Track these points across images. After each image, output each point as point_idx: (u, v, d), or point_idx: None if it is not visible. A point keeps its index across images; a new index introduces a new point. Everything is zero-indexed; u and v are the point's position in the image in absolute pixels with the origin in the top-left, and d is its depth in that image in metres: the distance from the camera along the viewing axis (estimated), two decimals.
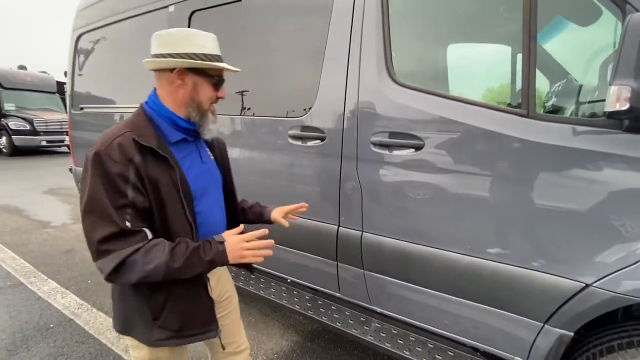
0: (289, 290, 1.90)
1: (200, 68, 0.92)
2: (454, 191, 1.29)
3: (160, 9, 2.29)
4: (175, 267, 0.82)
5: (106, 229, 0.79)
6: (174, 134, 0.94)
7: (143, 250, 0.81)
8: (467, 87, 1.81)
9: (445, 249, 1.32)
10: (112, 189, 0.80)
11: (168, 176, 0.87)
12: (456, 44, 1.79)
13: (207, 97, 0.96)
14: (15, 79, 11.53)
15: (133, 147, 0.83)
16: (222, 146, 1.17)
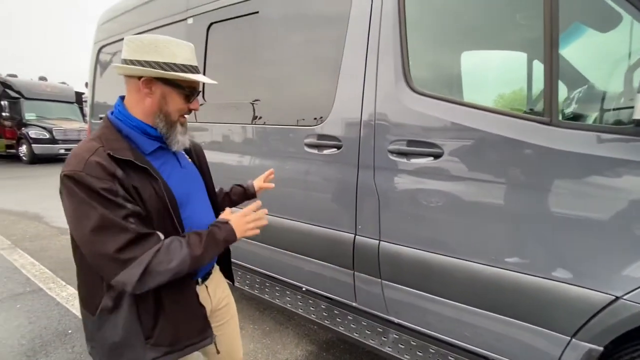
0: (304, 299, 1.89)
1: (169, 79, 0.89)
2: (474, 200, 1.27)
3: (179, 22, 2.36)
4: (198, 255, 0.85)
5: (121, 238, 0.77)
6: (147, 144, 0.91)
7: (163, 250, 0.81)
8: (484, 94, 1.79)
9: (467, 259, 1.29)
10: (108, 204, 0.77)
11: (151, 187, 0.85)
12: (472, 52, 1.79)
13: (176, 108, 0.92)
14: (35, 89, 11.97)
15: (111, 162, 0.80)
16: (197, 148, 1.15)
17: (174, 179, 0.94)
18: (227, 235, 0.93)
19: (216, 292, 1.12)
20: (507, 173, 1.22)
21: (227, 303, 1.18)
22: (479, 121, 1.25)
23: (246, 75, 1.99)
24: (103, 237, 0.76)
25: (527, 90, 1.87)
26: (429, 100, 1.35)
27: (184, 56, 0.90)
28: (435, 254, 1.37)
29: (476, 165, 1.26)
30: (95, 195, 0.76)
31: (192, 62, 0.92)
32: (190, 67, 0.91)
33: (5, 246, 3.64)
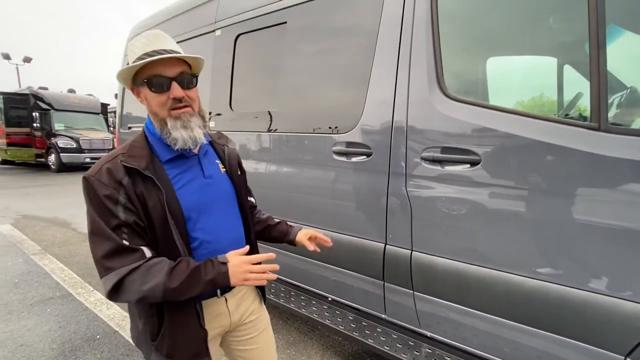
0: (331, 309, 1.85)
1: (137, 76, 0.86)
2: (515, 209, 1.22)
3: (206, 34, 2.42)
4: (172, 288, 0.78)
5: (105, 246, 0.79)
6: (165, 152, 0.90)
7: (143, 269, 0.79)
8: (516, 99, 1.75)
9: (507, 271, 1.24)
10: (104, 211, 0.79)
11: (156, 196, 0.83)
12: (505, 57, 1.75)
13: (157, 103, 0.86)
14: (65, 101, 12.56)
15: (122, 169, 0.82)
16: (232, 157, 1.08)
17: (191, 188, 0.91)
18: (217, 277, 0.82)
19: (240, 306, 1.06)
20: (550, 181, 1.17)
21: (256, 318, 1.11)
22: (518, 127, 1.21)
23: (273, 84, 2.01)
24: (94, 240, 0.81)
25: (558, 95, 1.82)
26: (464, 106, 1.32)
27: (140, 48, 0.85)
28: (471, 265, 1.32)
29: (517, 173, 1.22)
30: (96, 201, 0.80)
31: (151, 48, 0.84)
32: (145, 55, 0.83)
33: (35, 251, 3.78)
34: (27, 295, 2.76)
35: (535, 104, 1.71)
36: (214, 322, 0.99)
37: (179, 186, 0.89)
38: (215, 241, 0.94)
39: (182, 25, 2.66)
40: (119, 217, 0.80)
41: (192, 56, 0.89)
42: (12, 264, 3.40)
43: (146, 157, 0.86)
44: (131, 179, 0.82)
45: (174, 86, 0.85)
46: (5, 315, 2.45)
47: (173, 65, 0.85)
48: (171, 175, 0.89)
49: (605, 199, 1.07)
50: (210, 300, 0.98)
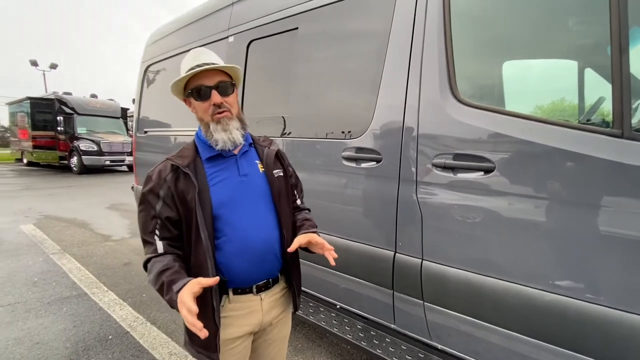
0: (339, 317, 1.82)
1: (185, 88, 1.02)
2: (531, 219, 1.17)
3: (220, 40, 2.46)
4: (155, 289, 0.91)
5: (141, 236, 0.98)
6: (206, 152, 1.02)
7: (152, 262, 0.93)
8: (533, 104, 1.69)
9: (523, 284, 1.18)
10: (147, 204, 0.96)
11: (192, 192, 0.94)
12: (521, 61, 1.69)
13: (201, 110, 1.00)
14: (87, 106, 13.05)
15: (169, 168, 0.97)
16: (269, 157, 1.11)
17: (225, 185, 1.00)
18: (170, 302, 0.87)
19: (273, 309, 1.09)
20: (569, 190, 1.11)
21: (282, 324, 1.15)
22: (535, 134, 1.16)
23: (284, 89, 2.01)
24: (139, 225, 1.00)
25: (579, 100, 1.75)
26: (478, 111, 1.28)
27: (187, 64, 1.00)
28: (485, 276, 1.27)
29: (533, 182, 1.16)
30: (144, 195, 0.97)
31: (192, 64, 0.98)
32: (190, 69, 0.97)
33: (55, 251, 3.90)
34: (45, 294, 2.85)
35: (556, 109, 1.64)
36: (246, 319, 1.03)
37: (214, 183, 0.99)
38: (244, 237, 0.99)
39: (197, 32, 2.72)
40: (155, 210, 0.95)
41: (227, 65, 1.00)
42: (33, 263, 3.53)
43: (190, 157, 1.00)
44: (174, 176, 0.96)
45: (213, 94, 0.97)
46: (23, 313, 2.53)
47: (213, 76, 0.98)
48: (208, 173, 0.99)
49: (629, 210, 1.01)
50: (246, 297, 1.03)
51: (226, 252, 0.98)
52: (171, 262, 0.93)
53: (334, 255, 1.03)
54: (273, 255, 1.07)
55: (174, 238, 0.97)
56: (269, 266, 1.07)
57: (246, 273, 1.01)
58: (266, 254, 1.04)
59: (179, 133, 2.82)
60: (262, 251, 1.03)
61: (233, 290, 1.02)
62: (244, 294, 1.03)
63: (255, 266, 1.03)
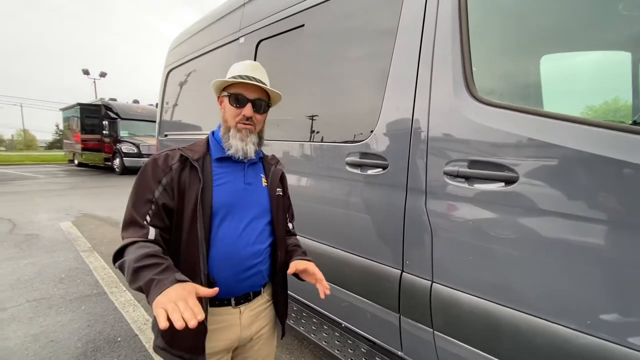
0: (343, 337, 1.66)
1: (224, 89, 1.03)
2: (562, 239, 0.95)
3: (232, 42, 2.42)
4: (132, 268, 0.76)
5: (126, 218, 0.90)
6: (217, 151, 1.03)
7: (138, 244, 0.83)
8: (570, 103, 1.44)
9: (552, 321, 0.96)
10: (145, 187, 0.92)
11: (195, 186, 0.93)
12: (555, 53, 1.45)
13: (230, 114, 1.01)
14: (129, 110, 13.94)
15: (177, 157, 0.96)
16: (275, 175, 1.13)
17: (227, 188, 0.99)
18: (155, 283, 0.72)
19: (254, 324, 1.04)
20: (611, 205, 0.89)
21: (266, 338, 1.09)
22: (568, 137, 0.94)
23: (289, 90, 1.91)
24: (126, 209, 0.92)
25: (632, 97, 1.46)
26: (499, 111, 1.08)
27: (240, 68, 1.03)
28: (505, 307, 1.06)
29: (565, 194, 0.95)
30: (144, 176, 0.93)
31: (245, 73, 1.01)
32: (239, 77, 1.00)
33: (85, 248, 4.10)
34: (69, 291, 2.96)
35: (600, 108, 1.38)
36: (221, 334, 0.97)
37: (218, 183, 0.98)
38: (232, 245, 0.95)
39: (212, 36, 2.70)
40: (154, 195, 0.91)
41: (272, 90, 1.05)
42: (64, 260, 3.71)
43: (201, 152, 1.00)
44: (181, 166, 0.95)
45: (248, 106, 1.00)
46: (46, 309, 2.63)
47: (255, 91, 1.02)
48: (215, 172, 0.99)
49: None
50: (224, 309, 0.98)
51: (211, 255, 0.94)
52: (162, 253, 0.83)
53: (326, 289, 0.98)
54: (258, 270, 1.02)
55: (164, 229, 0.92)
56: (252, 281, 1.02)
57: (227, 283, 0.96)
58: (251, 268, 0.99)
59: (196, 136, 2.82)
60: (248, 264, 0.99)
61: (210, 302, 0.95)
62: (222, 306, 0.98)
63: (238, 278, 0.98)
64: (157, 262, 0.78)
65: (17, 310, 2.59)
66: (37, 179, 10.94)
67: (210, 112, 2.58)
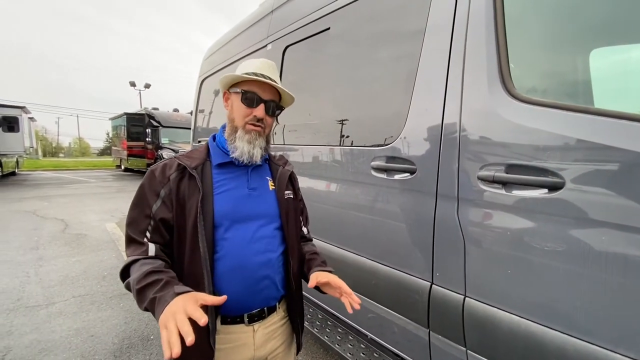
0: (369, 350, 1.59)
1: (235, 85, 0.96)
2: (621, 254, 0.82)
3: (260, 49, 2.46)
4: (136, 289, 0.77)
5: (126, 235, 0.88)
6: (218, 156, 0.96)
7: (140, 263, 0.81)
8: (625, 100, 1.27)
9: (606, 347, 0.84)
10: (143, 201, 0.87)
11: (195, 197, 0.87)
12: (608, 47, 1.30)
13: (240, 113, 0.94)
14: (170, 119, 14.78)
15: (175, 166, 0.90)
16: (282, 176, 1.05)
17: (230, 195, 0.92)
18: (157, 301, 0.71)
19: (268, 342, 0.98)
20: None
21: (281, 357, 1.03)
22: (625, 137, 0.83)
23: (315, 95, 1.89)
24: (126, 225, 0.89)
25: None
26: (541, 109, 0.98)
27: (254, 66, 0.96)
28: (549, 328, 0.94)
29: (621, 203, 0.83)
30: (142, 191, 0.89)
31: (260, 71, 0.94)
32: (254, 74, 0.93)
33: None
34: (110, 289, 3.14)
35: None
36: (233, 354, 0.92)
37: (220, 191, 0.91)
38: (241, 256, 0.89)
39: (243, 43, 2.77)
40: (152, 209, 0.87)
41: (287, 91, 0.99)
42: (107, 259, 3.96)
43: (200, 159, 0.94)
44: (179, 176, 0.89)
45: (261, 107, 0.94)
46: (88, 305, 2.80)
47: (269, 91, 0.96)
48: (215, 180, 0.92)
49: None
50: (236, 327, 0.91)
51: (219, 270, 0.87)
52: (164, 267, 0.82)
53: (355, 303, 0.90)
54: (271, 281, 0.95)
55: (165, 244, 0.88)
56: (265, 293, 0.95)
57: (238, 298, 0.89)
58: (263, 279, 0.93)
59: None
60: (259, 275, 0.92)
61: (222, 319, 0.91)
62: (234, 324, 0.91)
63: (250, 291, 0.91)
64: (157, 279, 0.76)
65: (64, 305, 2.78)
66: (88, 183, 11.89)
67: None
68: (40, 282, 3.21)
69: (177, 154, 0.96)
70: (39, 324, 2.45)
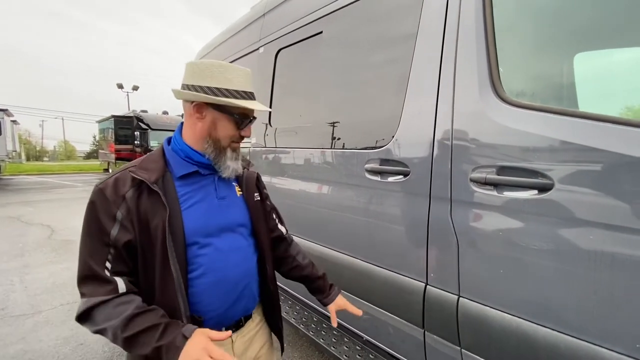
0: (365, 352, 1.60)
1: (220, 104, 0.86)
2: (609, 252, 0.85)
3: (252, 52, 2.46)
4: (124, 337, 0.71)
5: (81, 270, 0.76)
6: (181, 167, 0.87)
7: (112, 305, 0.73)
8: (608, 104, 1.32)
9: (595, 343, 0.86)
10: (97, 228, 0.76)
11: (160, 216, 0.78)
12: (592, 51, 1.34)
13: (226, 134, 0.88)
14: (159, 121, 14.59)
15: (129, 181, 0.79)
16: (249, 180, 1.01)
17: (199, 209, 0.86)
18: (169, 348, 0.70)
19: (248, 350, 0.97)
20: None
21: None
22: (610, 139, 0.86)
23: (308, 98, 1.90)
24: (78, 258, 0.78)
25: None
26: (530, 112, 1.01)
27: (238, 82, 0.86)
28: (540, 325, 0.97)
29: (608, 202, 0.86)
30: (93, 216, 0.77)
31: (246, 88, 0.88)
32: (244, 93, 0.87)
33: None
34: None
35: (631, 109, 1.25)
36: None
37: (187, 206, 0.84)
38: (219, 270, 0.86)
39: (235, 46, 2.76)
40: (110, 236, 0.76)
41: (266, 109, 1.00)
42: None
43: (158, 170, 0.84)
44: (137, 193, 0.79)
45: (249, 127, 0.91)
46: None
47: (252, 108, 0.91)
48: (180, 193, 0.84)
49: None
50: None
51: (198, 288, 0.84)
52: (147, 306, 0.76)
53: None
54: (250, 291, 0.95)
55: (130, 273, 0.79)
56: (244, 303, 0.94)
57: (219, 313, 0.87)
58: (244, 290, 0.92)
59: None
60: (240, 287, 0.91)
61: None
62: None
63: (230, 304, 0.90)
64: (154, 324, 0.72)
65: (52, 313, 2.71)
66: (74, 187, 11.63)
67: None
68: (25, 290, 3.12)
69: (128, 165, 0.85)
70: (25, 334, 2.39)
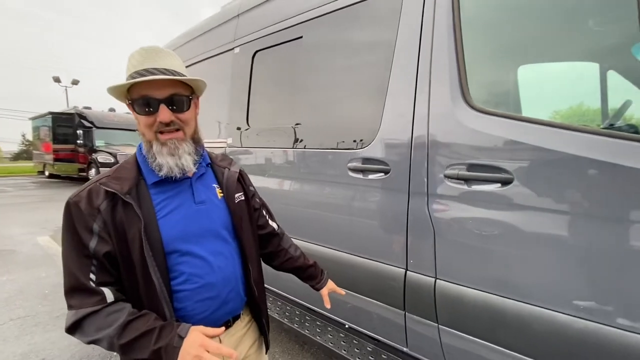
0: (348, 338, 1.71)
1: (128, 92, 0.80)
2: (557, 235, 1.05)
3: (226, 52, 2.45)
4: (120, 344, 0.71)
5: (69, 281, 0.75)
6: (153, 174, 0.82)
7: (102, 315, 0.73)
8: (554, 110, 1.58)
9: (551, 308, 1.06)
10: (76, 241, 0.75)
11: (136, 226, 0.76)
12: (538, 64, 1.59)
13: (143, 124, 0.80)
14: (105, 119, 13.47)
15: (102, 193, 0.77)
16: (230, 180, 0.96)
17: (176, 216, 0.83)
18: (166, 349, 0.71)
19: (237, 349, 0.97)
20: (596, 203, 1.00)
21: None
22: (557, 141, 1.06)
23: (289, 99, 1.97)
24: (63, 271, 0.77)
25: (601, 104, 1.62)
26: (493, 118, 1.19)
27: (133, 65, 0.79)
28: (507, 298, 1.15)
29: (556, 193, 1.06)
30: (70, 230, 0.76)
31: (142, 66, 0.78)
32: (135, 74, 0.77)
33: None
34: (55, 307, 2.84)
35: (574, 114, 1.53)
36: None
37: (163, 214, 0.81)
38: (202, 276, 0.84)
39: (205, 44, 2.72)
40: (89, 248, 0.75)
41: (184, 78, 0.81)
42: (46, 276, 3.55)
43: (131, 179, 0.80)
44: (111, 204, 0.77)
45: (162, 109, 0.79)
46: (32, 327, 2.52)
47: (164, 87, 0.79)
48: (156, 201, 0.82)
49: None
50: None
51: (182, 295, 0.82)
52: (138, 311, 0.76)
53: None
54: (236, 293, 0.94)
55: (116, 282, 0.79)
56: (231, 305, 0.93)
57: (206, 317, 0.86)
58: (229, 293, 0.91)
59: None
60: (225, 290, 0.89)
61: None
62: None
63: (217, 308, 0.89)
64: (149, 329, 0.72)
65: (2, 329, 2.46)
66: (5, 192, 10.36)
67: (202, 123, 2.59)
68: None
69: (102, 174, 0.82)
70: None
